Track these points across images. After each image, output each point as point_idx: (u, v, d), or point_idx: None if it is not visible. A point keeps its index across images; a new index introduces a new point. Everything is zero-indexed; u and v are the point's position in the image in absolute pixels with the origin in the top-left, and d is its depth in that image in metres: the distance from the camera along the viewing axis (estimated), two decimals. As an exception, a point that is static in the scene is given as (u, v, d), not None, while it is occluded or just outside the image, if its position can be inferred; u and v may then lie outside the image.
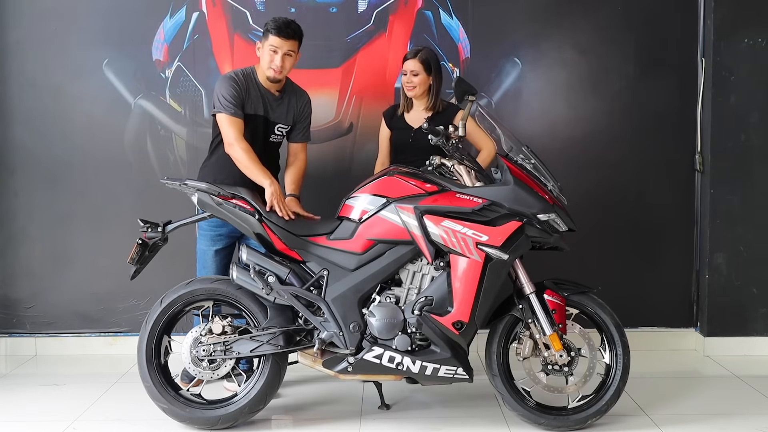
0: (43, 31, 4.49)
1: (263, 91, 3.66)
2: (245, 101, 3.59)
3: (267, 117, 3.68)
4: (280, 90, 3.71)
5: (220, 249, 3.81)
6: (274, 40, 3.55)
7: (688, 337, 4.62)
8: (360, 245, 3.33)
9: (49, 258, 4.57)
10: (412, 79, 3.89)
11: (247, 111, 3.61)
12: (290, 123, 3.77)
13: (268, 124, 3.70)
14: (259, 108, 3.65)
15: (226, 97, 3.55)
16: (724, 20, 4.42)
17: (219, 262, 3.82)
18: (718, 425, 3.45)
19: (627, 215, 4.58)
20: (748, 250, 4.48)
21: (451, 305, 3.24)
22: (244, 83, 3.61)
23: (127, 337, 4.53)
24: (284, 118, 3.74)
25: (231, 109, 3.55)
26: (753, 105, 4.45)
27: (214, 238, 3.80)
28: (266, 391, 3.37)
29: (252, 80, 3.65)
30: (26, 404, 3.79)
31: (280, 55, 3.56)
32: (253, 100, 3.63)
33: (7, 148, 4.54)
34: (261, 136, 3.69)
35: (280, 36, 3.54)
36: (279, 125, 3.73)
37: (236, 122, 3.55)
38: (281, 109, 3.72)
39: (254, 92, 3.63)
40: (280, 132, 3.76)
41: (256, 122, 3.65)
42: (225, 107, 3.55)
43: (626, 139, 4.56)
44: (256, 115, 3.64)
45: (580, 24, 4.52)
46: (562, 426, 3.37)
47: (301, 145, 3.85)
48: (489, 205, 3.26)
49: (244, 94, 3.59)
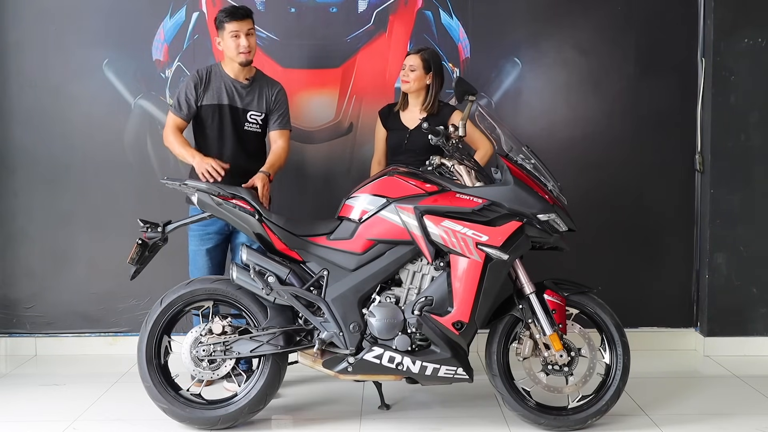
0: (43, 31, 4.49)
1: (230, 81, 3.79)
2: (203, 94, 3.76)
3: (234, 105, 3.78)
4: (249, 78, 3.81)
5: (210, 248, 3.86)
6: (232, 26, 3.70)
7: (688, 337, 4.62)
8: (360, 245, 3.33)
9: (49, 258, 4.57)
10: (408, 74, 3.89)
11: (207, 102, 3.77)
12: (263, 110, 3.84)
13: (237, 112, 3.79)
14: (222, 97, 3.77)
15: (177, 97, 3.79)
16: (724, 20, 4.42)
17: (210, 261, 3.87)
18: (718, 425, 3.45)
19: (627, 215, 4.58)
20: (748, 250, 4.48)
21: (451, 305, 3.24)
22: (203, 77, 3.77)
23: (127, 337, 4.53)
24: (256, 105, 3.82)
25: (175, 108, 3.79)
26: (753, 105, 4.45)
27: (203, 237, 3.85)
28: (266, 391, 3.37)
29: (216, 73, 3.81)
30: (26, 404, 3.79)
31: (243, 37, 3.71)
32: (213, 90, 3.77)
33: (7, 148, 4.54)
34: (230, 124, 3.78)
35: (236, 19, 3.70)
36: (251, 113, 3.81)
37: (174, 119, 3.78)
38: (251, 96, 3.81)
39: (217, 83, 3.78)
40: (254, 120, 3.82)
41: (221, 111, 3.77)
42: (171, 105, 3.84)
43: (626, 139, 4.56)
44: (219, 104, 3.77)
45: (580, 24, 4.53)
46: (562, 426, 3.37)
47: (280, 132, 3.89)
48: (489, 205, 3.26)
49: (202, 89, 3.76)
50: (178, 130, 3.77)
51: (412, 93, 3.94)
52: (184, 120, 3.78)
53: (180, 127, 3.78)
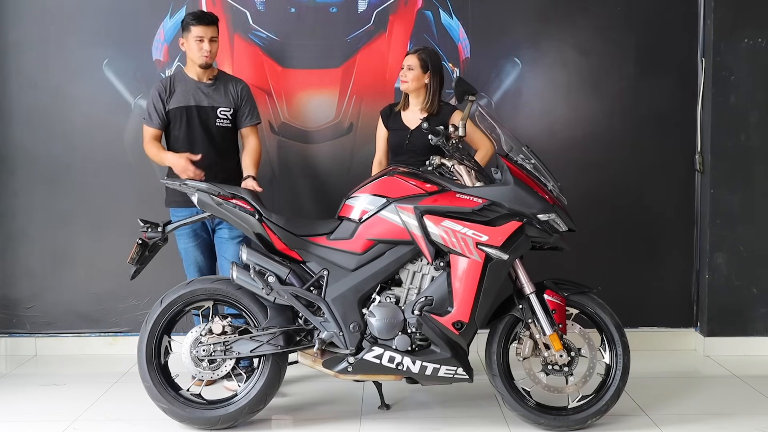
0: (43, 31, 4.49)
1: (193, 83, 3.90)
2: (169, 99, 3.87)
3: (201, 105, 3.88)
4: (211, 78, 3.93)
5: (201, 242, 3.95)
6: (198, 30, 3.82)
7: (688, 337, 4.62)
8: (360, 245, 3.33)
9: (49, 258, 4.57)
10: (406, 73, 3.90)
11: (174, 105, 3.87)
12: (231, 105, 3.93)
13: (206, 111, 3.88)
14: (189, 99, 3.87)
15: (147, 109, 3.92)
16: (724, 20, 4.41)
17: (203, 254, 3.96)
18: (718, 425, 3.45)
19: (627, 215, 4.58)
20: (748, 250, 4.48)
21: (451, 305, 3.24)
22: (167, 86, 3.89)
23: (127, 337, 4.52)
24: (223, 101, 3.91)
25: (147, 120, 3.90)
26: (753, 105, 4.45)
27: (190, 234, 3.92)
28: (266, 391, 3.37)
29: (180, 78, 3.92)
30: (26, 404, 3.79)
31: (207, 42, 3.83)
32: (179, 94, 3.88)
33: (7, 148, 4.54)
34: (199, 124, 3.87)
35: (202, 24, 3.83)
36: (220, 109, 3.90)
37: (147, 130, 3.89)
38: (217, 93, 3.91)
39: (181, 88, 3.89)
40: (224, 115, 3.91)
41: (189, 112, 3.87)
42: (143, 117, 3.97)
43: (626, 139, 4.55)
44: (187, 106, 3.87)
45: (580, 24, 4.52)
46: (562, 426, 3.37)
47: (251, 128, 3.99)
48: (489, 205, 3.26)
49: (167, 95, 3.87)
50: (154, 140, 3.87)
51: (412, 93, 3.94)
52: (156, 129, 3.87)
53: (156, 137, 3.88)
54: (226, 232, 3.88)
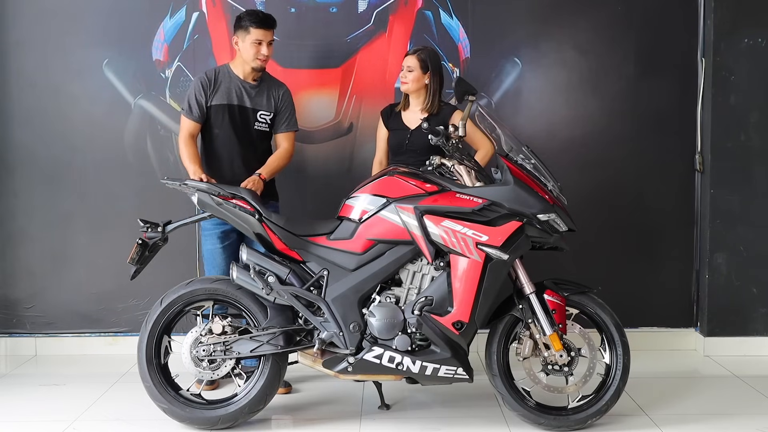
0: (43, 31, 4.49)
1: (239, 82, 3.84)
2: (212, 95, 3.80)
3: (243, 105, 3.84)
4: (257, 79, 3.87)
5: (228, 245, 3.89)
6: (258, 33, 3.76)
7: (688, 337, 4.62)
8: (360, 245, 3.33)
9: (49, 258, 4.57)
10: (406, 75, 3.89)
11: (217, 102, 3.81)
12: (272, 110, 3.90)
13: (247, 112, 3.84)
14: (232, 98, 3.82)
15: (188, 100, 3.82)
16: (724, 20, 4.42)
17: (228, 258, 3.87)
18: (718, 425, 3.45)
19: (627, 215, 4.58)
20: (748, 250, 4.48)
21: (451, 305, 3.24)
22: (212, 80, 3.82)
23: (127, 337, 4.52)
24: (265, 105, 3.88)
25: (186, 111, 3.81)
26: (753, 105, 4.45)
27: (220, 236, 3.87)
28: (266, 391, 3.37)
29: (225, 74, 3.85)
30: (26, 404, 3.79)
31: (265, 45, 3.78)
32: (223, 91, 3.81)
33: (6, 148, 4.54)
34: (241, 122, 3.83)
35: (263, 28, 3.77)
36: (261, 112, 3.86)
37: (187, 122, 3.81)
38: (260, 96, 3.87)
39: (226, 85, 3.83)
40: (264, 119, 3.88)
41: (231, 111, 3.82)
42: (183, 109, 3.86)
43: (626, 139, 4.56)
44: (229, 104, 3.81)
45: (580, 24, 4.53)
46: (562, 426, 3.37)
47: (286, 134, 3.94)
48: (489, 205, 3.26)
49: (210, 91, 3.80)
50: (191, 138, 3.79)
51: (413, 93, 3.93)
52: (196, 122, 3.79)
53: (193, 133, 3.80)
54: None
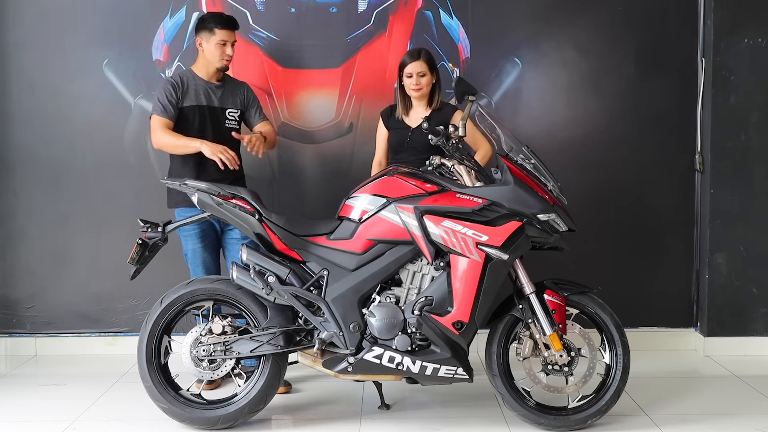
0: (42, 31, 4.49)
1: (203, 83, 3.89)
2: (183, 98, 3.83)
3: (212, 105, 3.89)
4: (220, 79, 3.93)
5: (208, 244, 3.91)
6: (223, 34, 3.82)
7: (688, 337, 4.62)
8: (360, 245, 3.33)
9: (49, 258, 4.57)
10: (420, 81, 3.84)
11: (188, 104, 3.84)
12: (238, 107, 3.96)
13: (216, 112, 3.89)
14: (200, 99, 3.86)
15: (159, 102, 3.80)
16: (724, 20, 4.41)
17: (211, 256, 3.94)
18: (718, 425, 3.45)
19: (627, 215, 4.58)
20: (748, 250, 4.48)
21: (451, 305, 3.24)
22: (181, 82, 3.84)
23: (127, 337, 4.53)
24: (231, 103, 3.94)
25: (160, 111, 3.78)
26: (753, 105, 4.45)
27: (200, 235, 3.89)
28: (266, 391, 3.37)
29: (190, 77, 3.89)
30: (26, 404, 3.79)
31: (229, 46, 3.86)
32: (192, 93, 3.85)
33: (7, 148, 4.54)
34: (212, 122, 3.87)
35: (228, 29, 3.85)
36: (229, 110, 3.92)
37: (161, 120, 3.78)
38: (227, 96, 3.93)
39: (193, 87, 3.87)
40: (233, 117, 3.93)
41: (201, 112, 3.86)
42: (155, 109, 3.82)
43: (626, 139, 4.55)
44: (199, 105, 3.85)
45: (580, 24, 4.52)
46: (562, 426, 3.37)
47: (262, 123, 4.02)
48: (489, 205, 3.26)
49: (181, 92, 3.82)
50: (167, 128, 3.78)
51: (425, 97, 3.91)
52: (170, 120, 3.79)
53: (169, 126, 3.79)
54: (237, 233, 3.85)
